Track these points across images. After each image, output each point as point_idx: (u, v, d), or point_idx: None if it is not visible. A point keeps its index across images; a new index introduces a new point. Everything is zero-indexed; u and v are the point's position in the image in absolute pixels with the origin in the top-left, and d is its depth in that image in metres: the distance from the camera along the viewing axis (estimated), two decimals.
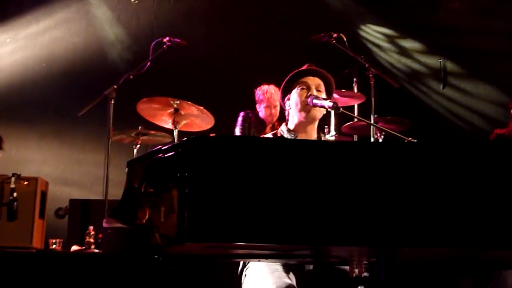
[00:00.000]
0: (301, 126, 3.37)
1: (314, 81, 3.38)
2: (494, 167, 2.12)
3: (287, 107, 3.44)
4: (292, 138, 3.31)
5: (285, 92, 3.44)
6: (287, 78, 3.43)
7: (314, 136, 3.38)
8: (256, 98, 6.19)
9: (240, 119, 6.17)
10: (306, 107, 3.32)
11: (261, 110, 6.13)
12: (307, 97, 3.32)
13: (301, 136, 3.35)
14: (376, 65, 5.88)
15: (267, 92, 6.10)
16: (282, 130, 3.42)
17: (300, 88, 3.37)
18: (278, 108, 6.10)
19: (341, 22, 7.29)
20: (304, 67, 3.48)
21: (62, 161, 7.70)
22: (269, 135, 3.49)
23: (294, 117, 3.39)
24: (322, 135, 3.50)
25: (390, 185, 2.08)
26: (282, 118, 5.88)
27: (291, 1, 7.91)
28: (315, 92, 3.34)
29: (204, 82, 7.55)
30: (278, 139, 3.03)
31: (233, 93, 7.07)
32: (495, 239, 2.05)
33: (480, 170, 2.11)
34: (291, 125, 3.41)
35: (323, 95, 3.37)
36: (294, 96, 3.38)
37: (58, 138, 7.73)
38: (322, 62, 3.67)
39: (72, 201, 6.32)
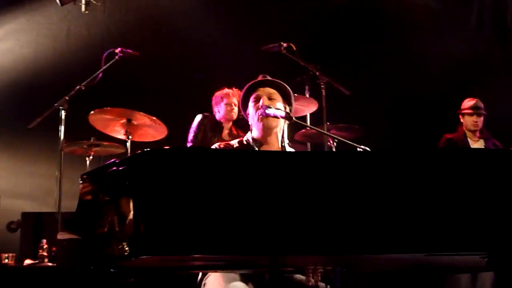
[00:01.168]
0: (262, 136, 3.42)
1: (265, 91, 3.43)
2: (442, 174, 2.16)
3: (249, 121, 3.50)
4: (256, 147, 3.38)
5: (244, 107, 3.52)
6: (242, 92, 3.50)
7: (275, 145, 3.42)
8: (214, 100, 6.09)
9: (196, 122, 6.03)
10: (260, 118, 3.37)
11: (221, 109, 5.99)
12: (259, 108, 3.38)
13: (264, 147, 3.40)
14: (327, 72, 5.97)
15: (227, 90, 6.03)
16: (248, 138, 3.48)
17: (253, 100, 3.45)
18: (237, 108, 6.00)
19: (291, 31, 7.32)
20: (258, 78, 3.52)
21: (13, 173, 7.54)
22: (235, 142, 3.51)
23: (254, 128, 3.45)
24: (285, 144, 3.50)
25: (341, 194, 2.11)
26: (240, 123, 5.92)
27: (243, 10, 7.93)
28: (266, 102, 3.38)
29: (157, 92, 7.52)
30: (229, 151, 3.05)
31: (186, 103, 7.05)
32: (446, 244, 2.09)
33: (429, 177, 2.15)
34: (254, 134, 3.46)
35: (278, 104, 3.40)
36: (250, 109, 3.46)
37: (9, 151, 7.56)
38: (275, 72, 3.71)
39: (25, 214, 6.20)
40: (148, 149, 2.13)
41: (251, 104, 3.46)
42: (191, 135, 5.95)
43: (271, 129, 3.39)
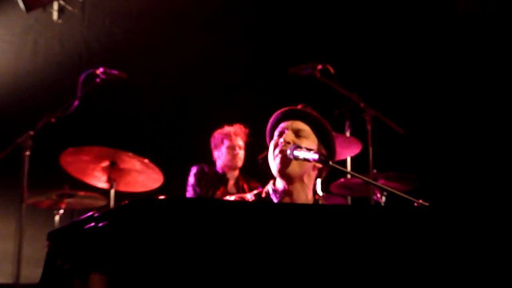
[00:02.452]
0: (284, 187, 3.43)
1: (293, 126, 3.45)
2: None
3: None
4: (279, 199, 3.41)
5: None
6: (268, 126, 3.53)
7: (302, 198, 3.43)
8: (213, 142, 6.24)
9: (192, 175, 6.17)
10: (280, 160, 3.37)
11: (221, 155, 6.16)
12: (278, 145, 3.40)
13: (286, 200, 3.40)
14: (375, 104, 5.92)
15: (227, 128, 6.17)
16: (269, 189, 3.50)
17: (276, 135, 3.47)
18: (242, 152, 6.19)
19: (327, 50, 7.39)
20: (298, 107, 3.55)
21: None
22: (250, 195, 3.53)
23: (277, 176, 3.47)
24: (319, 197, 3.55)
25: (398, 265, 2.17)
26: (248, 171, 5.93)
27: (258, 24, 8.00)
28: (290, 138, 3.39)
29: (150, 128, 7.58)
30: (246, 203, 3.03)
31: (187, 143, 7.14)
32: None
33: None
34: (278, 184, 3.47)
35: (306, 143, 3.39)
36: (270, 147, 3.47)
37: None
38: (304, 101, 3.71)
39: None
40: (138, 199, 2.11)
41: (272, 141, 3.47)
42: (190, 191, 6.08)
43: (295, 177, 3.40)
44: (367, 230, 2.20)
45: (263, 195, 3.49)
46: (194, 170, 6.20)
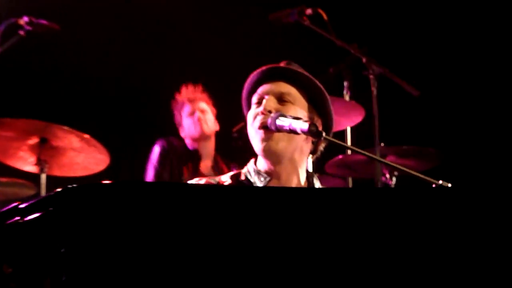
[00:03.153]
0: (269, 167, 3.45)
1: (275, 89, 3.44)
2: None
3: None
4: (259, 183, 3.46)
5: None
6: (244, 88, 3.54)
7: (292, 181, 3.46)
8: (175, 117, 6.39)
9: (155, 151, 6.24)
10: (261, 135, 3.38)
11: (185, 128, 6.31)
12: (257, 115, 3.41)
13: (273, 183, 3.45)
14: (381, 59, 5.94)
15: (182, 93, 6.35)
16: (249, 170, 3.53)
17: (254, 103, 3.47)
18: (209, 116, 6.32)
19: None
20: (280, 64, 3.52)
21: None
22: (226, 177, 3.56)
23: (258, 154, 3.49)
24: (314, 179, 3.58)
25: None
26: (224, 145, 5.97)
27: None
28: (272, 105, 3.39)
29: (92, 95, 7.53)
30: (219, 187, 3.04)
31: (142, 114, 7.32)
32: None
33: None
34: (258, 163, 3.51)
35: (293, 110, 3.40)
36: (248, 118, 3.49)
37: None
38: (290, 57, 3.64)
39: None
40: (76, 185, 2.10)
41: (250, 111, 3.48)
42: (150, 173, 6.22)
43: (283, 155, 3.40)
44: (378, 219, 2.22)
45: (242, 177, 3.51)
46: (158, 144, 6.28)
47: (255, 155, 3.50)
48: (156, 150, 6.27)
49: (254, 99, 3.46)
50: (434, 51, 7.47)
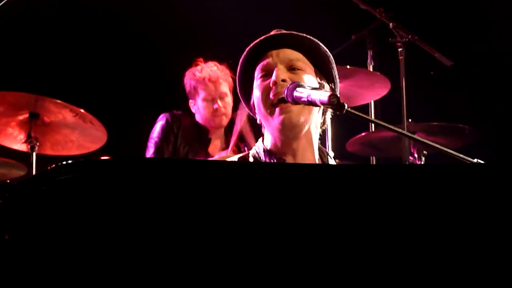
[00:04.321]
0: (283, 145, 3.43)
1: (281, 57, 3.41)
2: None
3: (258, 118, 3.53)
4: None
5: (245, 88, 3.54)
6: (241, 60, 3.49)
7: (308, 157, 3.46)
8: (187, 89, 6.20)
9: (158, 125, 6.17)
10: (276, 109, 3.34)
11: (199, 108, 6.16)
12: (271, 88, 3.35)
13: (289, 160, 3.44)
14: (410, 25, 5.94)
15: (202, 71, 6.12)
16: (258, 150, 3.49)
17: (260, 74, 3.42)
18: (228, 99, 6.13)
19: None
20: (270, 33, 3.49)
21: None
22: (234, 159, 3.56)
23: (267, 132, 3.50)
24: (329, 157, 3.60)
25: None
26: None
27: None
28: (284, 76, 3.34)
29: (88, 65, 7.43)
30: (231, 164, 3.04)
31: (144, 87, 7.32)
32: None
33: None
34: (268, 143, 3.47)
35: (307, 78, 3.37)
36: (255, 92, 3.45)
37: None
38: (306, 26, 3.58)
39: None
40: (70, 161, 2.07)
41: (257, 83, 3.41)
42: (150, 149, 6.15)
43: (301, 129, 3.37)
44: (409, 199, 2.14)
45: (251, 159, 3.52)
46: (162, 118, 6.21)
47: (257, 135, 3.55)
48: (159, 123, 6.20)
49: (257, 73, 3.43)
50: (469, 16, 7.36)
